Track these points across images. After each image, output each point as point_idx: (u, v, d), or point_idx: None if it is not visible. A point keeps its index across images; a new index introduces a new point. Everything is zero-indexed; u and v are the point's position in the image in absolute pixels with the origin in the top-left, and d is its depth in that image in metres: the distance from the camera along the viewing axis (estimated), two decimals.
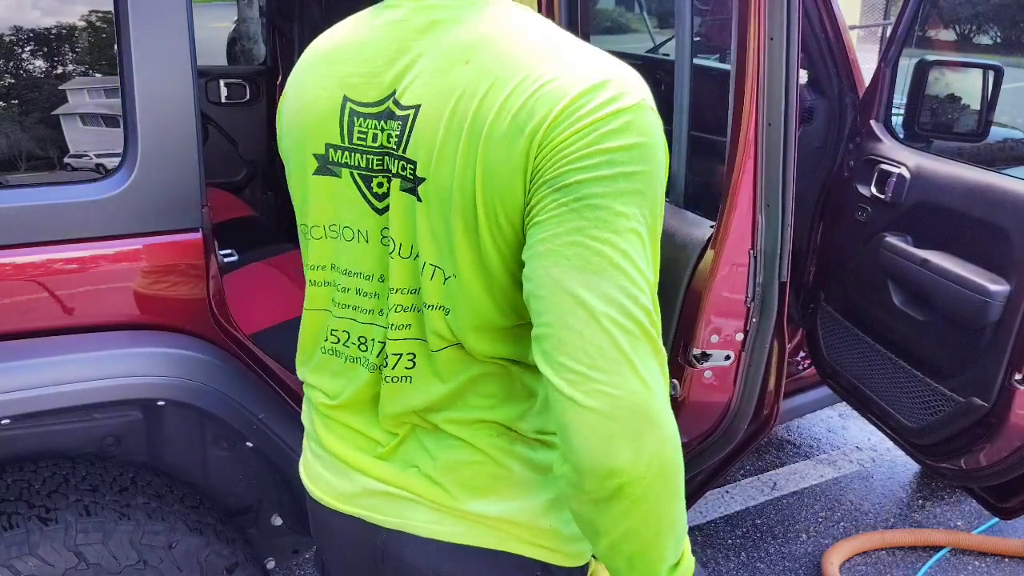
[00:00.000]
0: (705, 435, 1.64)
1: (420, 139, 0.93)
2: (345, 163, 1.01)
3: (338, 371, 1.12)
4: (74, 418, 1.59)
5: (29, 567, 1.40)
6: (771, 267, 1.50)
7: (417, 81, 0.95)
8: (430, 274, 0.98)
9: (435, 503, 1.06)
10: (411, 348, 1.03)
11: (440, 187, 0.93)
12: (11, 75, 1.48)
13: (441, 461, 1.06)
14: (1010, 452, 2.06)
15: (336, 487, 1.13)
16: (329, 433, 1.15)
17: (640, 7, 4.45)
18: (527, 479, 1.05)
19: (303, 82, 1.06)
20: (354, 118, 1.00)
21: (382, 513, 1.09)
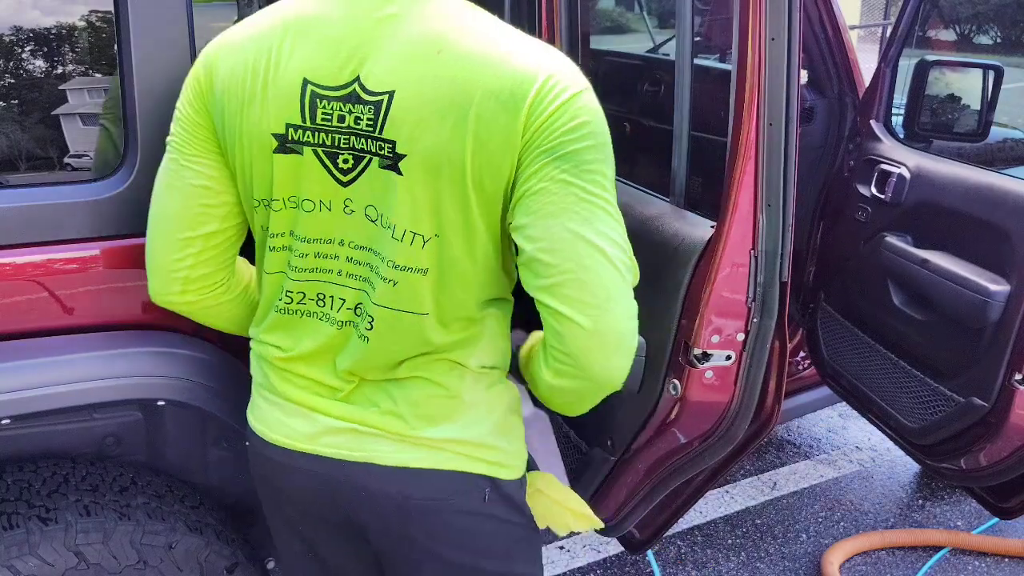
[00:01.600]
0: (705, 435, 1.64)
1: (399, 121, 1.06)
2: (307, 142, 1.11)
3: (293, 327, 1.23)
4: (74, 418, 1.59)
5: (29, 567, 1.40)
6: (772, 267, 1.50)
7: (382, 68, 1.07)
8: (409, 240, 1.11)
9: (397, 434, 1.20)
10: (373, 312, 1.17)
11: (425, 160, 1.06)
12: (11, 75, 1.47)
13: (399, 398, 1.21)
14: (1010, 452, 2.06)
15: (297, 429, 1.24)
16: (285, 383, 1.25)
17: (640, 7, 4.45)
18: (474, 405, 1.23)
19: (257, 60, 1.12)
20: (317, 100, 1.09)
21: (346, 448, 1.22)
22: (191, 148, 1.21)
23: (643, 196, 1.79)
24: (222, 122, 1.17)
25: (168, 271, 1.28)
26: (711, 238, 1.52)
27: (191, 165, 1.22)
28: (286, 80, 1.10)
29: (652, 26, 4.04)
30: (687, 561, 2.71)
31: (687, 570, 2.68)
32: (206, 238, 1.26)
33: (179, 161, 1.22)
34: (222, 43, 1.18)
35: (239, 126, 1.14)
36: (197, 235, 1.25)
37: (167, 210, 1.25)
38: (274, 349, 1.26)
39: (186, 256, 1.26)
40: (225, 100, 1.15)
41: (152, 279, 1.31)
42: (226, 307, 1.36)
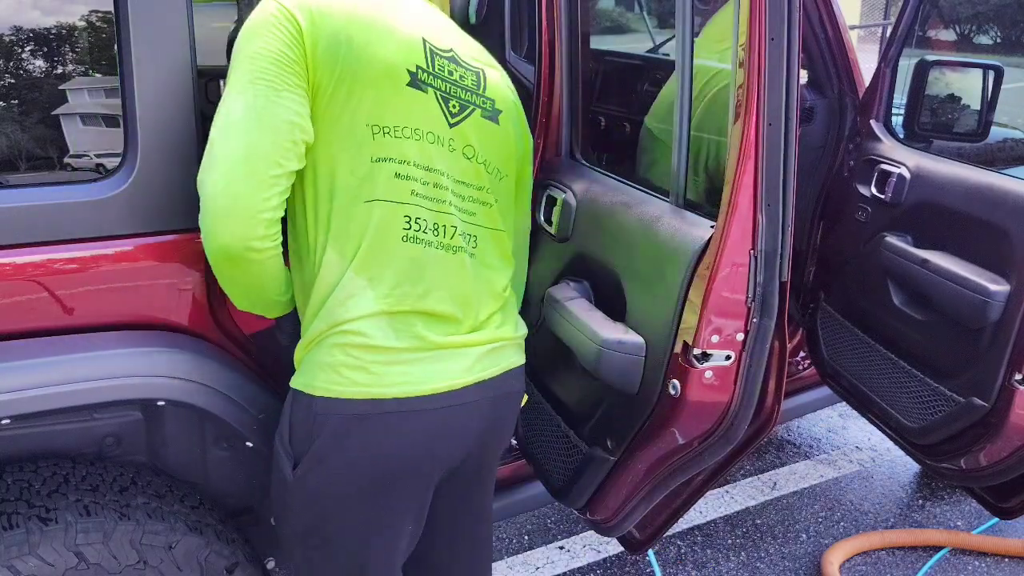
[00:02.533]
0: (705, 435, 1.64)
1: (492, 89, 1.49)
2: (430, 84, 1.39)
3: (416, 259, 1.37)
4: (74, 418, 1.59)
5: (29, 567, 1.40)
6: (772, 267, 1.50)
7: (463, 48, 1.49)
8: (495, 175, 1.49)
9: (511, 339, 1.52)
10: (476, 231, 1.46)
11: (509, 118, 1.52)
12: (11, 75, 1.47)
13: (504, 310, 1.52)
14: (1010, 452, 2.06)
15: (453, 368, 1.40)
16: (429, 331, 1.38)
17: (640, 7, 4.45)
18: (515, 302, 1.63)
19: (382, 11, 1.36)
20: (434, 55, 1.40)
21: (495, 365, 1.46)
22: (284, 83, 1.27)
23: (642, 196, 1.79)
24: (341, 53, 1.30)
25: (255, 212, 1.27)
26: (711, 238, 1.52)
27: (283, 101, 1.27)
28: (408, 34, 1.37)
29: (652, 26, 4.04)
30: (687, 561, 2.71)
31: (687, 570, 2.68)
32: (290, 176, 1.30)
33: (270, 98, 1.26)
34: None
35: (373, 54, 1.32)
36: (284, 172, 1.28)
37: (258, 148, 1.26)
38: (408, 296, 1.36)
39: (272, 195, 1.28)
40: (351, 34, 1.31)
41: (232, 224, 1.27)
42: (278, 260, 1.36)
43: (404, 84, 1.35)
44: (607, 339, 1.64)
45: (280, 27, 1.28)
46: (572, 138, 2.10)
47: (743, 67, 1.43)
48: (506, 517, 2.65)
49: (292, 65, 1.28)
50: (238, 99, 1.27)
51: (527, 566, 2.67)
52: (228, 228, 1.27)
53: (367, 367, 1.33)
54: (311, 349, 1.38)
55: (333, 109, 1.30)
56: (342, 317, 1.33)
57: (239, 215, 1.26)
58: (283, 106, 1.27)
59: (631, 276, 1.72)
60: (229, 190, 1.26)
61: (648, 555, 1.86)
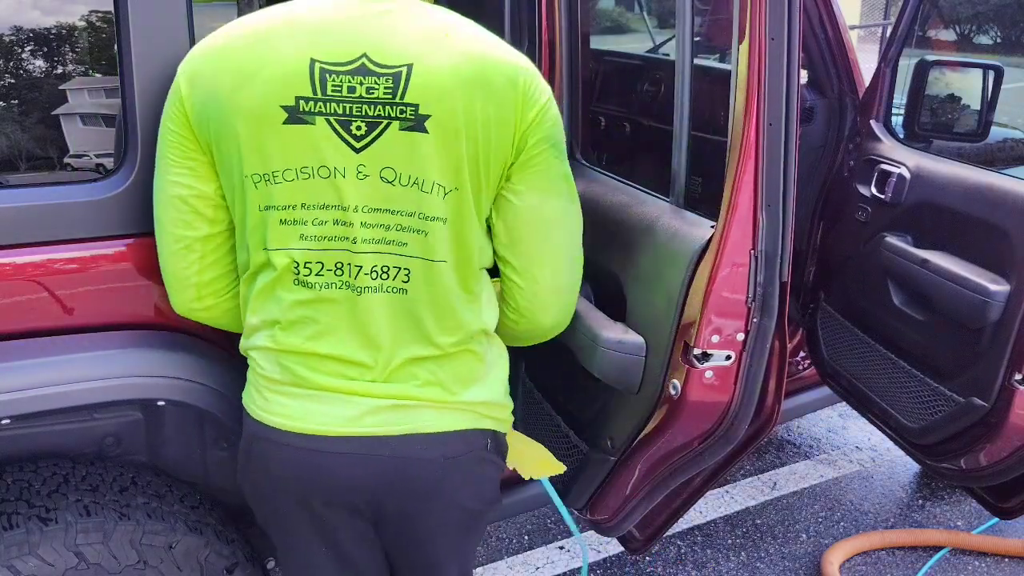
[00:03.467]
0: (705, 435, 1.64)
1: (421, 87, 1.21)
2: (319, 112, 1.22)
3: (312, 304, 1.29)
4: (74, 418, 1.59)
5: (29, 567, 1.40)
6: (772, 267, 1.50)
7: (394, 46, 1.21)
8: (435, 191, 1.25)
9: (438, 402, 1.34)
10: (406, 264, 1.28)
11: (448, 121, 1.22)
12: (11, 75, 1.47)
13: (441, 367, 1.33)
14: (1010, 452, 2.06)
15: (335, 414, 1.31)
16: (313, 371, 1.31)
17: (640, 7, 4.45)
18: (492, 366, 1.40)
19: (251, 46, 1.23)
20: (326, 75, 1.21)
21: (395, 425, 1.32)
22: (170, 159, 1.30)
23: (643, 196, 1.79)
24: (210, 111, 1.23)
25: (180, 280, 1.38)
26: (711, 238, 1.52)
27: (171, 176, 1.31)
28: (292, 60, 1.21)
29: (652, 26, 4.04)
30: (687, 561, 2.71)
31: (687, 570, 2.68)
32: (203, 242, 1.35)
33: (163, 176, 1.33)
34: (203, 50, 1.28)
35: (238, 104, 1.22)
36: (192, 240, 1.34)
37: (162, 225, 1.35)
38: (293, 336, 1.30)
39: (190, 263, 1.36)
40: (218, 86, 1.23)
41: (170, 293, 1.41)
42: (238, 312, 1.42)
43: (280, 123, 1.22)
44: (607, 339, 1.64)
45: (170, 101, 1.30)
46: (572, 138, 2.11)
47: (743, 67, 1.43)
48: (506, 517, 2.65)
49: (175, 137, 1.29)
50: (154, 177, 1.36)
51: (527, 566, 2.67)
52: (171, 296, 1.42)
53: (261, 391, 1.37)
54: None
55: (224, 166, 1.28)
56: (247, 344, 1.39)
57: (170, 283, 1.40)
58: (170, 181, 1.32)
59: (631, 276, 1.72)
60: (161, 263, 1.40)
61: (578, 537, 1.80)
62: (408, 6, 1.26)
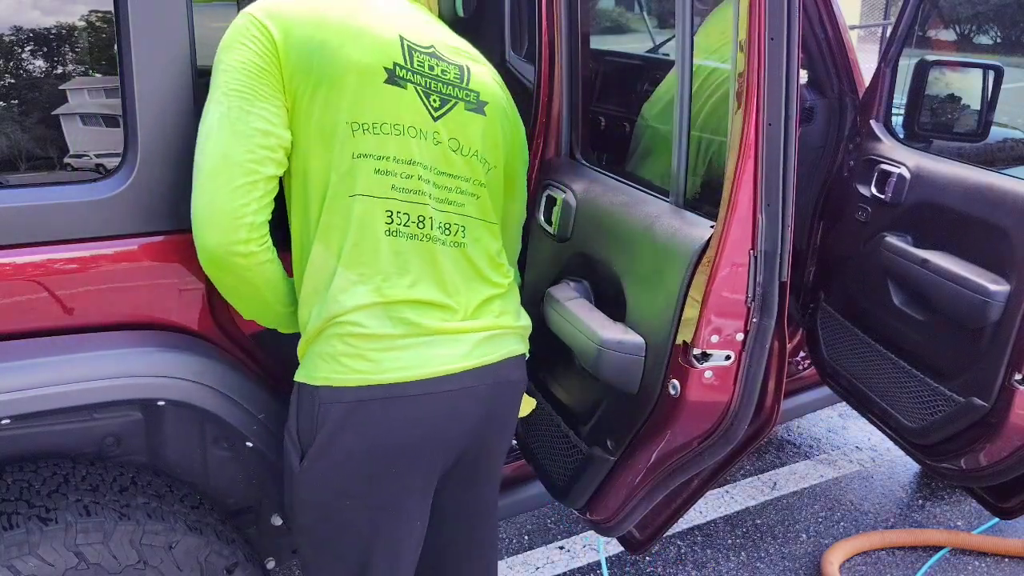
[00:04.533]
0: (705, 435, 1.64)
1: (477, 82, 1.50)
2: (409, 80, 1.41)
3: (400, 252, 1.40)
4: (74, 418, 1.59)
5: (29, 567, 1.40)
6: (771, 267, 1.50)
7: (451, 45, 1.51)
8: (484, 166, 1.51)
9: (513, 328, 1.54)
10: (463, 222, 1.48)
11: (496, 109, 1.53)
12: (11, 75, 1.47)
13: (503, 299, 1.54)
14: (1010, 452, 2.06)
15: (449, 354, 1.42)
16: (422, 316, 1.41)
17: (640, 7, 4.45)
18: (517, 298, 1.62)
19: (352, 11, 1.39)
20: (412, 52, 1.42)
21: (494, 352, 1.48)
22: (257, 92, 1.32)
23: (642, 196, 1.79)
24: (316, 59, 1.33)
25: (234, 217, 1.33)
26: (710, 238, 1.52)
27: (255, 110, 1.32)
28: (386, 32, 1.40)
29: (652, 26, 4.04)
30: (687, 561, 2.71)
31: (687, 570, 2.68)
32: (267, 181, 1.35)
33: (243, 108, 1.32)
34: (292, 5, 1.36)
35: (348, 56, 1.35)
36: (260, 178, 1.34)
37: (231, 156, 1.32)
38: (395, 287, 1.39)
39: (251, 201, 1.34)
40: (325, 39, 1.34)
41: (214, 231, 1.34)
42: (273, 265, 1.42)
43: (382, 82, 1.37)
44: (607, 339, 1.64)
45: (253, 39, 1.33)
46: (572, 138, 2.10)
47: (743, 67, 1.43)
48: (506, 517, 2.65)
49: (264, 75, 1.33)
50: (215, 111, 1.34)
51: (527, 566, 2.67)
52: (211, 234, 1.34)
53: (365, 355, 1.37)
54: (312, 343, 1.42)
55: (314, 112, 1.35)
56: (338, 310, 1.37)
57: (219, 221, 1.33)
58: (255, 115, 1.33)
59: (631, 276, 1.72)
60: (208, 198, 1.33)
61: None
62: (435, 19, 1.55)
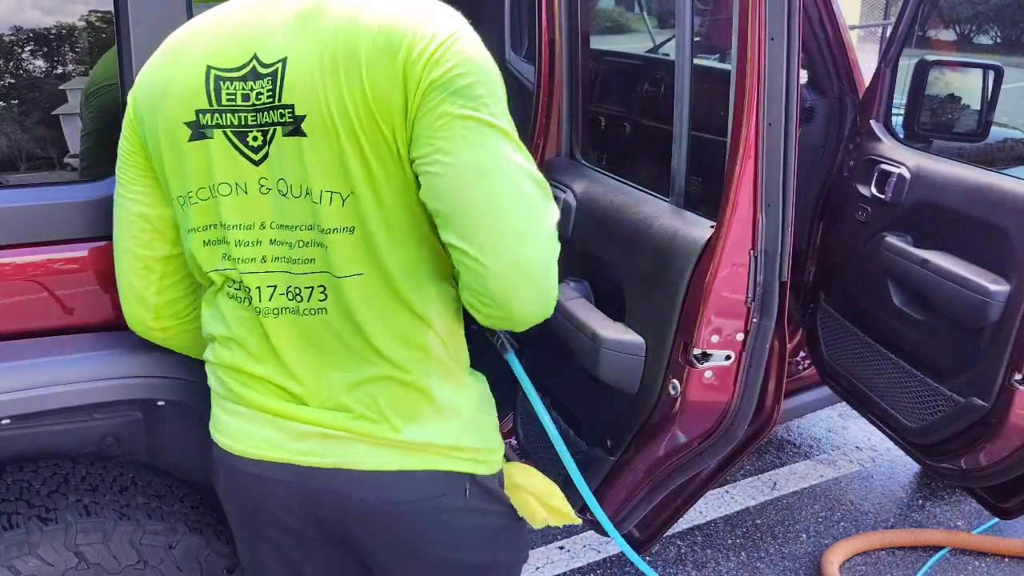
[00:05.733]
0: (705, 435, 1.64)
1: (293, 84, 1.08)
2: (217, 124, 1.12)
3: (239, 322, 1.22)
4: (74, 418, 1.59)
5: (29, 567, 1.40)
6: (771, 267, 1.50)
7: (275, 40, 1.10)
8: (328, 200, 1.10)
9: (371, 436, 1.18)
10: (322, 281, 1.15)
11: (322, 117, 1.07)
12: (11, 75, 1.47)
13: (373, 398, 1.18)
14: (1010, 452, 2.06)
15: (268, 440, 1.21)
16: (244, 387, 1.23)
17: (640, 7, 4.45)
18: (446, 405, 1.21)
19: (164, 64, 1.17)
20: (220, 82, 1.11)
21: (319, 456, 1.19)
22: (128, 176, 1.25)
23: (642, 196, 1.79)
24: (144, 134, 1.20)
25: (138, 299, 1.32)
26: (710, 238, 1.52)
27: (129, 194, 1.26)
28: (191, 71, 1.13)
29: (652, 26, 4.04)
30: (687, 561, 2.71)
31: (687, 570, 2.68)
32: (163, 262, 1.29)
33: (121, 193, 1.27)
34: (144, 70, 1.22)
35: (156, 125, 1.16)
36: (154, 260, 1.29)
37: (122, 244, 1.31)
38: (228, 352, 1.24)
39: (150, 283, 1.30)
40: (144, 110, 1.19)
41: (126, 309, 1.35)
42: (193, 333, 1.37)
43: (186, 141, 1.14)
44: (607, 339, 1.64)
45: (126, 118, 1.24)
46: (572, 138, 2.11)
47: (743, 67, 1.43)
48: None
49: (131, 156, 1.23)
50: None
51: (527, 566, 2.67)
52: (126, 313, 1.35)
53: (214, 407, 1.32)
54: None
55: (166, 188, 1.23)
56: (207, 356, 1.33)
57: (127, 302, 1.34)
58: (131, 199, 1.26)
59: (631, 276, 1.72)
60: (118, 280, 1.33)
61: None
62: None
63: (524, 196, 1.08)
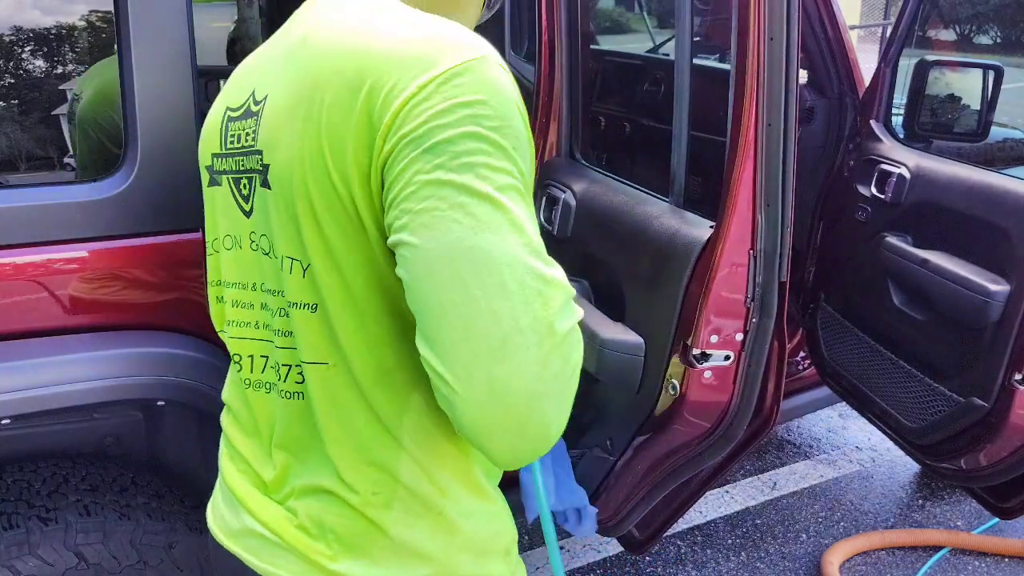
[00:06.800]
0: (705, 435, 1.64)
1: (266, 127, 0.89)
2: (223, 170, 0.98)
3: (237, 391, 1.06)
4: (74, 418, 1.59)
5: (29, 567, 1.40)
6: (771, 267, 1.50)
7: (269, 73, 0.93)
8: (288, 268, 0.89)
9: (304, 555, 0.95)
10: (296, 361, 0.93)
11: (280, 168, 0.87)
12: (11, 75, 1.48)
13: (314, 509, 0.95)
14: (1010, 452, 2.06)
15: (227, 522, 1.05)
16: (229, 463, 1.07)
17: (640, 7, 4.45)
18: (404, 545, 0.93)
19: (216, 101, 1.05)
20: (228, 124, 0.97)
21: (257, 556, 1.00)
22: None
23: (642, 196, 1.79)
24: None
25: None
26: (710, 238, 1.52)
27: None
28: (217, 110, 1.01)
29: (652, 26, 4.04)
30: (687, 561, 2.71)
31: (687, 570, 2.68)
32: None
33: None
34: None
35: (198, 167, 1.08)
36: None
37: None
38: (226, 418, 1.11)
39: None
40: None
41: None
42: None
43: (207, 187, 1.02)
44: (606, 339, 1.64)
45: None
46: (572, 138, 2.11)
47: (742, 67, 1.43)
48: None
49: None
50: None
51: (527, 566, 2.67)
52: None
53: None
54: None
55: None
56: None
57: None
58: None
59: (630, 276, 1.72)
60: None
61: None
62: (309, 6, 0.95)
63: (510, 297, 0.76)
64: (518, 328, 0.76)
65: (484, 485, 0.97)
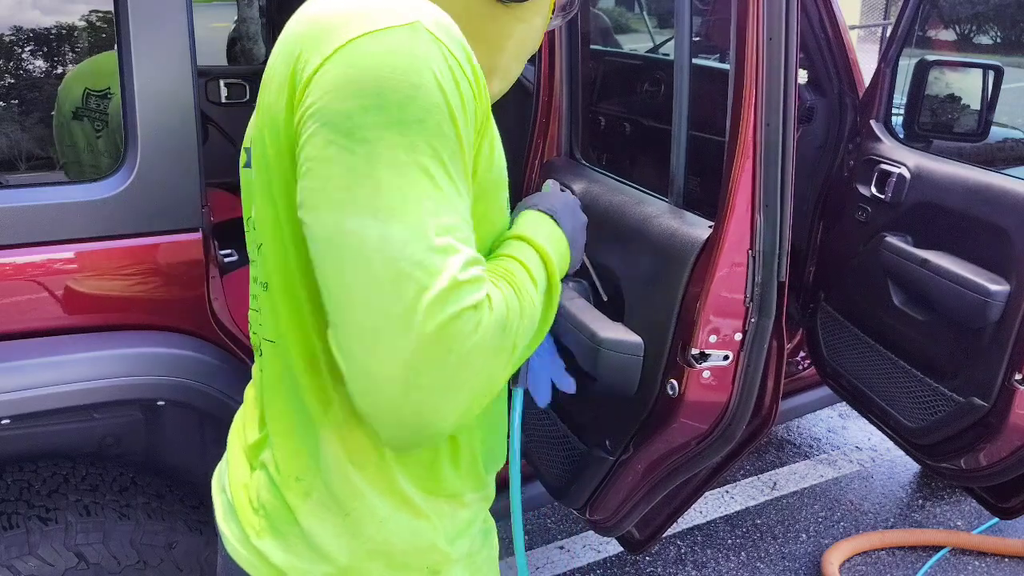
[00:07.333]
0: (704, 435, 1.64)
1: (257, 106, 0.88)
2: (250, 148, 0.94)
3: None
4: (74, 418, 1.59)
5: (29, 567, 1.40)
6: (770, 267, 1.50)
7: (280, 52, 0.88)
8: (257, 244, 0.91)
9: (241, 525, 0.96)
10: (264, 336, 0.94)
11: (253, 150, 0.88)
12: (11, 75, 1.48)
13: (260, 483, 0.95)
14: (1010, 452, 2.06)
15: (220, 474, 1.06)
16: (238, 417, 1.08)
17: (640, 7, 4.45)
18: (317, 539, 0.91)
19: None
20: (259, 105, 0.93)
21: (220, 512, 1.01)
22: None
23: (641, 196, 1.79)
24: None
25: None
26: (709, 238, 1.52)
27: None
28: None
29: (652, 26, 4.04)
30: (687, 561, 2.71)
31: (687, 570, 2.68)
32: None
33: None
34: None
35: None
36: None
37: None
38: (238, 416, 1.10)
39: None
40: None
41: None
42: None
43: (242, 167, 0.98)
44: (605, 339, 1.64)
45: None
46: (572, 138, 2.11)
47: (741, 67, 1.43)
48: (505, 518, 2.65)
49: None
50: None
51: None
52: None
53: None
54: None
55: None
56: None
57: None
58: None
59: (630, 276, 1.72)
60: None
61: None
62: None
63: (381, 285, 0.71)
64: (387, 316, 0.71)
65: (410, 496, 0.91)
